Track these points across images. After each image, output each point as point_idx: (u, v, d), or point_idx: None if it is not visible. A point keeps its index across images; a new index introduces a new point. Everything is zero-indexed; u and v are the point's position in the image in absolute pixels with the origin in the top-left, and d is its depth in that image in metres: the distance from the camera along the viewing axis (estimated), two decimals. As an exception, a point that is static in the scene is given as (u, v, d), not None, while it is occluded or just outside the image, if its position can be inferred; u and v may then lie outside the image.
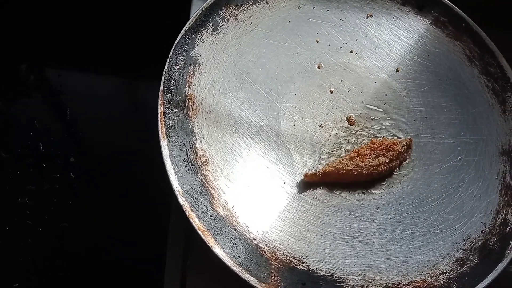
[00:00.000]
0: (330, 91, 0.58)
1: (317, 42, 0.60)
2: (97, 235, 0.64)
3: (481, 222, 0.52)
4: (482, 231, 0.52)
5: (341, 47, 0.60)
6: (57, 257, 0.63)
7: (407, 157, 0.55)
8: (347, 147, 0.55)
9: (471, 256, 0.50)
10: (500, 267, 0.50)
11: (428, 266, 0.49)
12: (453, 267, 0.50)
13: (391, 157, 0.53)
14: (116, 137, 0.72)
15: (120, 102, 0.73)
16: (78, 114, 0.71)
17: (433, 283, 0.48)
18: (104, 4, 0.77)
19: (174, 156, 0.48)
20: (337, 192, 0.52)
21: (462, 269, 0.49)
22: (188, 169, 0.48)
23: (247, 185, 0.50)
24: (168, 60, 0.52)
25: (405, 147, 0.54)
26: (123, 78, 0.75)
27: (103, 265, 0.63)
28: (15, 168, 0.66)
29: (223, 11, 0.57)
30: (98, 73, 0.76)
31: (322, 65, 0.59)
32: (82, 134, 0.70)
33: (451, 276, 0.49)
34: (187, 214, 0.46)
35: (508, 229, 0.52)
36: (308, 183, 0.52)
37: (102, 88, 0.75)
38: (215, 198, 0.48)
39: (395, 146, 0.53)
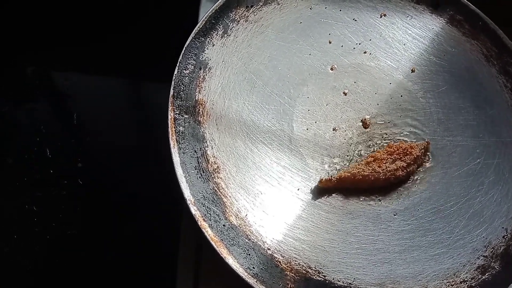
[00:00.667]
0: (344, 93, 0.56)
1: (330, 43, 0.58)
2: (105, 243, 0.62)
3: (502, 228, 0.50)
4: (503, 237, 0.50)
5: (354, 48, 0.58)
6: (65, 265, 0.61)
7: (425, 161, 0.53)
8: (362, 151, 0.53)
9: (492, 263, 0.49)
10: (524, 275, 0.48)
11: (448, 274, 0.48)
12: (474, 275, 0.48)
13: (408, 161, 0.51)
14: (124, 141, 0.70)
15: (128, 105, 0.72)
16: (86, 118, 0.70)
17: (454, 292, 0.47)
18: (111, 4, 0.75)
19: (185, 164, 0.47)
20: (353, 199, 0.51)
21: (483, 277, 0.48)
22: (199, 177, 0.47)
23: (260, 193, 0.49)
24: (177, 64, 0.50)
25: (422, 150, 0.52)
26: (130, 80, 0.74)
27: (112, 275, 0.62)
28: (22, 174, 0.64)
29: (233, 13, 0.56)
30: (105, 76, 0.74)
31: (335, 66, 0.57)
32: (90, 139, 0.69)
33: (473, 284, 0.47)
34: (200, 224, 0.45)
35: (530, 235, 0.50)
36: (323, 190, 0.50)
37: (109, 91, 0.73)
38: (228, 207, 0.47)
39: (413, 150, 0.51)
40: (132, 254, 0.61)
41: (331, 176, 0.50)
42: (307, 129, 0.53)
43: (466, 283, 0.48)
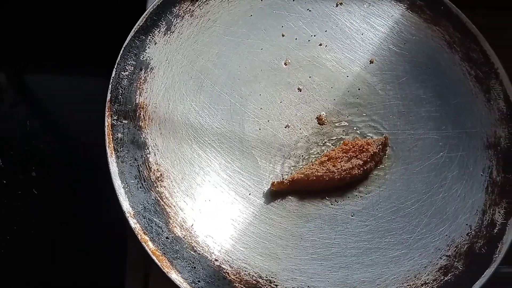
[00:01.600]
0: (298, 89, 0.53)
1: (283, 36, 0.55)
2: (61, 255, 0.60)
3: (466, 224, 0.48)
4: (467, 234, 0.48)
5: (309, 40, 0.55)
6: (20, 279, 0.59)
7: (384, 157, 0.50)
8: (318, 150, 0.50)
9: (456, 263, 0.46)
10: (488, 273, 0.46)
11: (408, 277, 0.45)
12: (436, 276, 0.46)
13: (365, 158, 0.48)
14: (80, 148, 0.68)
15: (80, 109, 0.69)
16: (39, 126, 0.67)
17: (414, 296, 0.44)
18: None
19: (124, 174, 0.44)
20: (308, 201, 0.48)
21: (446, 278, 0.46)
22: (140, 187, 0.44)
23: (208, 200, 0.46)
24: (115, 66, 0.47)
25: (380, 146, 0.49)
26: (80, 84, 0.71)
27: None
28: (-26, 186, 0.62)
29: (177, 8, 0.52)
30: (57, 80, 0.71)
31: (289, 61, 0.54)
32: (44, 146, 0.66)
33: (434, 286, 0.45)
34: (140, 237, 0.42)
35: (495, 231, 0.48)
36: (276, 193, 0.48)
37: (62, 97, 0.70)
38: (172, 218, 0.44)
39: (369, 147, 0.49)
40: (82, 267, 0.59)
41: (284, 178, 0.47)
42: (260, 129, 0.51)
43: (428, 285, 0.45)
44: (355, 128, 0.52)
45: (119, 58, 0.48)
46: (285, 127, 0.51)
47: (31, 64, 0.71)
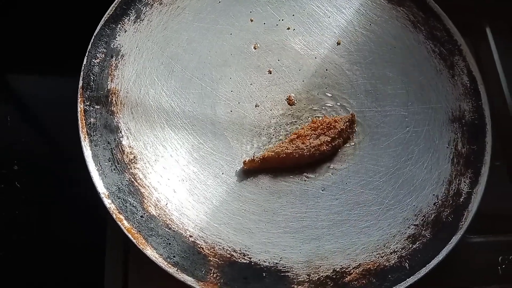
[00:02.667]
0: (268, 71, 0.55)
1: (251, 21, 0.56)
2: (45, 248, 0.60)
3: (433, 195, 0.50)
4: (434, 204, 0.50)
5: (277, 25, 0.57)
6: (3, 272, 0.59)
7: (352, 133, 0.52)
8: (288, 129, 0.52)
9: (423, 232, 0.48)
10: (454, 240, 0.47)
11: (378, 246, 0.47)
12: (405, 244, 0.47)
13: (333, 135, 0.50)
14: (60, 139, 0.68)
15: (57, 102, 0.69)
16: (20, 119, 0.68)
17: (384, 263, 0.46)
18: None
19: (98, 157, 0.45)
20: (280, 178, 0.50)
21: (414, 246, 0.47)
22: (114, 169, 0.45)
23: (181, 180, 0.47)
24: (86, 54, 0.49)
25: (347, 123, 0.51)
26: (57, 78, 0.71)
27: (44, 277, 0.60)
28: (-45, 181, 0.62)
29: (146, -4, 0.53)
30: (35, 75, 0.71)
31: (258, 45, 0.55)
32: (25, 139, 0.66)
33: (403, 254, 0.47)
34: (115, 216, 0.43)
35: (461, 200, 0.50)
36: (248, 171, 0.49)
37: (42, 90, 0.70)
38: (146, 197, 0.45)
39: (337, 124, 0.50)
40: (64, 253, 0.59)
41: (255, 157, 0.49)
42: (231, 111, 0.52)
43: (397, 254, 0.47)
44: (324, 107, 0.53)
45: (90, 46, 0.49)
46: (256, 108, 0.52)
47: (8, 61, 0.72)
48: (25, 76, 0.71)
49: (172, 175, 0.47)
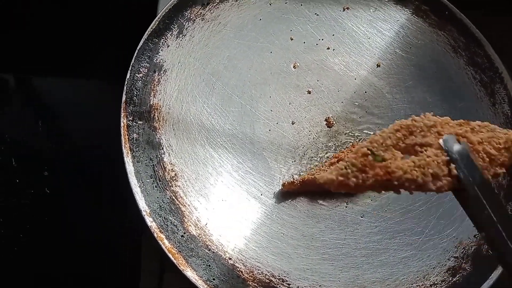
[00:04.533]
0: (308, 91, 0.54)
1: (292, 39, 0.56)
2: (74, 254, 0.60)
3: (474, 227, 0.49)
4: (474, 236, 0.49)
5: (317, 44, 0.56)
6: (32, 278, 0.59)
7: (392, 159, 0.51)
8: (327, 151, 0.51)
9: (463, 264, 0.47)
10: (495, 275, 0.46)
11: (417, 277, 0.46)
12: (445, 277, 0.47)
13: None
14: (92, 148, 0.68)
15: (92, 111, 0.69)
16: (50, 126, 0.68)
17: (424, 295, 0.45)
18: (62, 5, 0.72)
19: (140, 173, 0.45)
20: (319, 201, 0.49)
21: (454, 279, 0.46)
22: (155, 186, 0.45)
23: (221, 199, 0.47)
24: (130, 68, 0.48)
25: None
26: (91, 85, 0.71)
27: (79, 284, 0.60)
28: (-14, 185, 0.62)
29: (188, 11, 0.53)
30: (70, 80, 0.71)
31: (298, 64, 0.55)
32: (56, 146, 0.66)
33: (443, 287, 0.46)
34: (156, 235, 0.43)
35: (501, 232, 0.49)
36: (287, 193, 0.48)
37: (75, 96, 0.70)
38: (186, 216, 0.45)
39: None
40: (97, 265, 0.59)
41: (294, 179, 0.48)
42: (270, 131, 0.51)
43: (437, 286, 0.46)
44: (363, 130, 0.53)
45: (133, 60, 0.49)
46: (294, 128, 0.52)
47: (44, 66, 0.72)
48: (61, 84, 0.71)
49: (212, 194, 0.47)
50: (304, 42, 0.56)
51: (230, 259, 0.44)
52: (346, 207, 0.49)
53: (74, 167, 0.66)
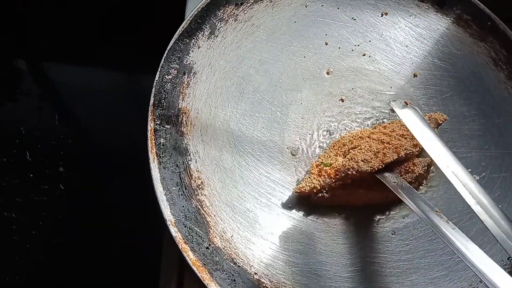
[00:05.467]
0: (341, 99, 0.52)
1: (326, 44, 0.54)
2: (87, 253, 0.59)
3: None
4: (508, 259, 0.47)
5: (352, 50, 0.54)
6: (45, 276, 0.59)
7: (427, 177, 0.49)
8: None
9: None
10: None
11: (449, 299, 0.44)
12: (477, 300, 0.45)
13: (409, 179, 0.47)
14: (109, 144, 0.67)
15: (110, 108, 0.68)
16: (67, 121, 0.67)
17: (455, 320, 0.43)
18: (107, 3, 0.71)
19: (166, 180, 0.43)
20: (349, 216, 0.47)
21: (486, 303, 0.44)
22: (181, 194, 0.43)
23: (247, 210, 0.45)
24: (159, 69, 0.46)
25: (425, 167, 0.48)
26: (111, 82, 0.70)
27: (92, 284, 0.59)
28: (0, 179, 0.61)
29: (221, 11, 0.51)
30: (86, 78, 0.70)
31: (332, 70, 0.53)
32: (72, 142, 0.65)
33: (475, 310, 0.44)
34: (181, 247, 0.41)
35: (537, 257, 0.47)
36: (316, 207, 0.47)
37: (90, 92, 0.69)
38: (212, 227, 0.43)
39: (415, 168, 0.47)
40: (114, 264, 0.58)
41: (325, 192, 0.46)
42: (300, 139, 0.49)
43: (468, 309, 0.44)
44: (397, 143, 0.51)
45: (162, 61, 0.47)
46: (327, 140, 0.50)
47: (65, 60, 0.71)
48: (82, 76, 0.70)
49: (238, 205, 0.45)
50: (339, 48, 0.54)
51: (255, 273, 0.43)
52: (377, 224, 0.47)
53: (91, 165, 0.65)
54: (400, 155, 0.45)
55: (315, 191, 0.45)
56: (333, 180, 0.45)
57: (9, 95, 0.68)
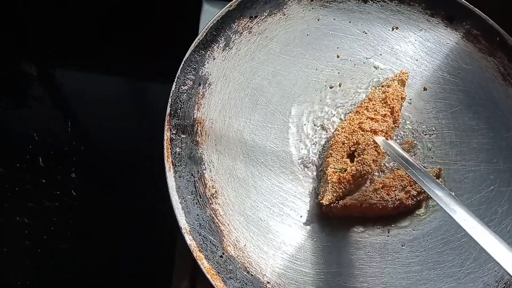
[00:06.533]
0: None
1: (338, 57, 0.55)
2: (97, 258, 0.60)
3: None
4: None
5: (364, 63, 0.55)
6: (56, 281, 0.59)
7: (436, 188, 0.50)
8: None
9: (505, 300, 0.46)
10: (537, 313, 0.45)
11: (458, 311, 0.45)
12: (486, 312, 0.45)
13: (419, 189, 0.48)
14: (119, 153, 0.68)
15: (122, 117, 0.69)
16: (80, 128, 0.67)
17: (464, 331, 0.44)
18: (112, 6, 0.72)
19: (181, 188, 0.44)
20: (359, 227, 0.48)
21: (495, 315, 0.45)
22: (196, 203, 0.44)
23: (260, 220, 0.46)
24: (175, 80, 0.47)
25: (434, 177, 0.49)
26: (125, 91, 0.71)
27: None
28: (13, 184, 0.62)
29: (236, 24, 0.52)
30: (100, 85, 0.71)
31: (344, 82, 0.54)
32: (84, 148, 0.66)
33: (484, 322, 0.45)
34: (195, 255, 0.42)
35: (546, 270, 0.47)
36: (327, 217, 0.47)
37: (104, 100, 0.70)
38: (226, 236, 0.44)
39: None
40: (124, 271, 0.59)
41: (337, 203, 0.47)
42: (312, 152, 0.50)
43: (477, 321, 0.45)
44: (409, 153, 0.51)
45: (179, 72, 0.48)
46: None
47: (80, 67, 0.72)
48: (95, 85, 0.71)
49: (251, 214, 0.46)
50: (350, 60, 0.55)
51: (268, 283, 0.43)
52: (388, 235, 0.47)
53: (103, 171, 0.66)
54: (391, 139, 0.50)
55: (339, 198, 0.47)
56: (352, 185, 0.47)
57: (19, 100, 0.69)
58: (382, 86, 0.53)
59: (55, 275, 0.59)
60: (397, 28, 0.57)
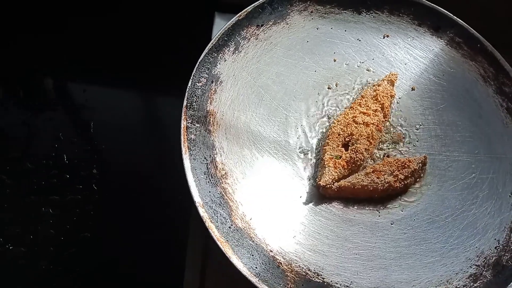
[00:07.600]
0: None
1: (335, 61, 0.62)
2: (117, 245, 0.65)
3: (495, 239, 0.53)
4: (495, 248, 0.52)
5: (358, 66, 0.62)
6: (77, 265, 0.64)
7: (422, 174, 0.56)
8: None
9: (484, 272, 0.51)
10: (514, 284, 0.50)
11: (441, 281, 0.50)
12: (467, 282, 0.50)
13: (406, 174, 0.54)
14: (137, 151, 0.74)
15: (142, 117, 0.76)
16: (101, 128, 0.74)
17: (446, 298, 0.49)
18: (128, 21, 0.80)
19: (195, 169, 0.50)
20: (353, 207, 0.54)
21: (475, 285, 0.50)
22: (208, 182, 0.50)
23: (264, 198, 0.52)
24: (191, 77, 0.54)
25: (420, 164, 0.55)
26: (145, 94, 0.78)
27: (122, 276, 0.65)
28: (40, 178, 0.68)
29: (245, 31, 0.60)
30: (122, 89, 0.78)
31: (339, 83, 0.60)
32: (105, 147, 0.72)
33: (465, 291, 0.50)
34: (207, 225, 0.48)
35: (521, 246, 0.53)
36: (323, 197, 0.53)
37: (125, 103, 0.77)
38: (234, 210, 0.50)
39: (411, 164, 0.54)
40: (141, 253, 0.63)
41: (332, 185, 0.53)
42: (310, 142, 0.57)
43: (458, 290, 0.50)
44: (396, 146, 0.58)
45: (194, 71, 0.55)
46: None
47: (95, 75, 0.78)
48: (115, 89, 0.78)
49: (256, 193, 0.52)
50: (346, 64, 0.62)
51: (271, 251, 0.49)
52: (379, 216, 0.53)
53: (122, 166, 0.71)
54: (382, 132, 0.57)
55: (335, 181, 0.53)
56: (346, 171, 0.53)
57: (48, 106, 0.75)
58: (374, 86, 0.59)
59: (77, 261, 0.64)
60: (388, 36, 0.64)
